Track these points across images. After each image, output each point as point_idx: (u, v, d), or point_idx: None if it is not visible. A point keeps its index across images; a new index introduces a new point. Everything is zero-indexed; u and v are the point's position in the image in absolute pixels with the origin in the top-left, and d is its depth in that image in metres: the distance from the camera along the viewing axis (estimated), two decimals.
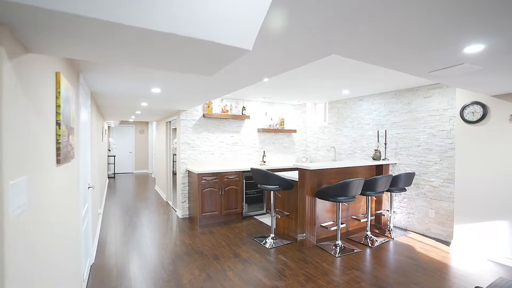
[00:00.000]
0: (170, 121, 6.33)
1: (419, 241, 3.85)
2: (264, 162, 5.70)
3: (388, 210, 4.42)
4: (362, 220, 4.00)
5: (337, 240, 3.60)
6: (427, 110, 4.09)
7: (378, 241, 3.79)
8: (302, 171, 3.66)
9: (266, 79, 3.71)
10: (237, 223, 4.69)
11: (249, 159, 5.73)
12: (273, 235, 3.86)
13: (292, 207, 4.00)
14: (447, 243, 3.76)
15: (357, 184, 3.35)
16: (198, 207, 4.56)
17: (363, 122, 5.07)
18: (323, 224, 3.81)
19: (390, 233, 4.12)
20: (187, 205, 5.09)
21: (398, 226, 4.48)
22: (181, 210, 5.09)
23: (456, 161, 3.55)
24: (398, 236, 4.01)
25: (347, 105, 5.38)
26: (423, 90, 4.14)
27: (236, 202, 4.92)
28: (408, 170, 4.32)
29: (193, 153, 5.11)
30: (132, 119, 8.46)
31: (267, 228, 4.45)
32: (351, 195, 3.37)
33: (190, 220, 4.88)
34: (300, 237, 3.71)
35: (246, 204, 5.03)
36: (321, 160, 6.04)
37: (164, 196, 6.77)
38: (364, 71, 3.32)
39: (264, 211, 5.25)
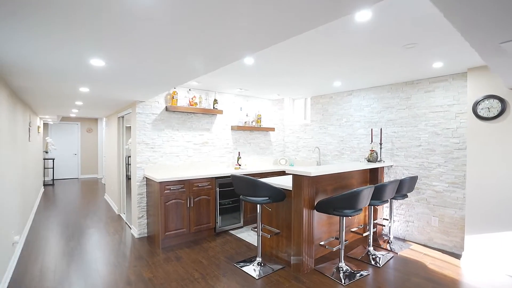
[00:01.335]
0: (123, 116, 5.16)
1: (425, 254, 3.36)
2: (240, 165, 4.86)
3: (386, 219, 3.89)
4: (364, 234, 3.39)
5: (340, 261, 2.92)
6: (429, 106, 3.64)
7: (381, 257, 3.22)
8: (298, 178, 2.91)
9: (251, 60, 2.90)
10: (211, 242, 3.79)
11: (222, 162, 4.85)
12: (260, 259, 3.06)
13: (282, 222, 3.24)
14: (456, 256, 3.32)
15: (368, 193, 2.71)
16: (160, 224, 3.56)
17: (352, 120, 4.52)
18: (322, 243, 3.11)
19: (390, 246, 3.59)
20: (145, 221, 4.04)
21: (395, 235, 3.99)
22: (137, 228, 4.02)
23: (468, 162, 3.11)
24: (400, 250, 3.49)
25: (334, 100, 4.80)
26: (424, 84, 3.68)
27: (208, 215, 4.01)
28: (407, 173, 3.84)
29: (152, 156, 4.08)
30: (74, 113, 6.98)
31: (248, 246, 3.63)
32: (359, 207, 2.71)
33: (149, 240, 3.84)
34: (294, 260, 2.96)
35: (220, 217, 4.15)
36: (302, 162, 5.39)
37: (115, 208, 5.54)
38: (359, 58, 2.69)
39: (241, 224, 4.41)
